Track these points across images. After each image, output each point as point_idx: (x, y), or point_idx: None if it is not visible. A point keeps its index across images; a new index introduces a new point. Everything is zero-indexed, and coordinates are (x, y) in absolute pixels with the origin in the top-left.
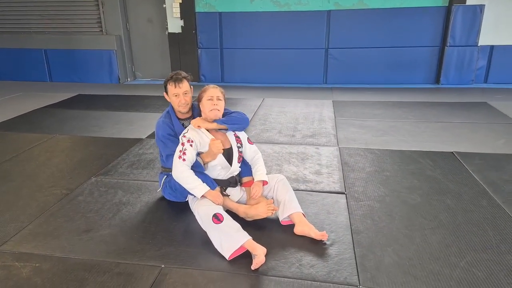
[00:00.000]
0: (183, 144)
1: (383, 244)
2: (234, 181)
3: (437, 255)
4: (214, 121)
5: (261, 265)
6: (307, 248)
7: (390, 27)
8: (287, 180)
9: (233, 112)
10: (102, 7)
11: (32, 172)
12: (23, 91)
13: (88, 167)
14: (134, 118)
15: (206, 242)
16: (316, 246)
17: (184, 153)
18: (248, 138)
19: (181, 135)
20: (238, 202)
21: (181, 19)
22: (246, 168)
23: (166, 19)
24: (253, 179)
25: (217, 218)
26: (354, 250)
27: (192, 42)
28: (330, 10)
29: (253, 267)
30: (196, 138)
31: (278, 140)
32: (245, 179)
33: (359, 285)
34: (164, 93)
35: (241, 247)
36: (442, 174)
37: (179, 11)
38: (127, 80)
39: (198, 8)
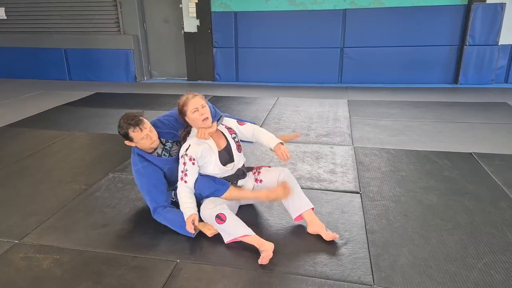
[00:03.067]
0: (184, 163)
1: (398, 244)
2: (241, 173)
3: (454, 256)
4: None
5: (269, 260)
6: (321, 246)
7: (407, 26)
8: (290, 173)
9: None
10: (120, 7)
11: (52, 167)
12: (43, 89)
13: (105, 163)
14: (150, 116)
15: (219, 238)
16: (330, 245)
17: (185, 174)
18: (237, 121)
19: (182, 153)
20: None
21: (197, 19)
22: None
23: (182, 19)
24: (272, 148)
25: (220, 219)
26: (369, 250)
27: (207, 42)
28: (346, 9)
29: (260, 261)
30: (198, 152)
31: (292, 139)
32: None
33: (373, 285)
34: (126, 141)
35: (242, 237)
36: (459, 175)
37: (195, 10)
38: (143, 79)
39: (214, 8)
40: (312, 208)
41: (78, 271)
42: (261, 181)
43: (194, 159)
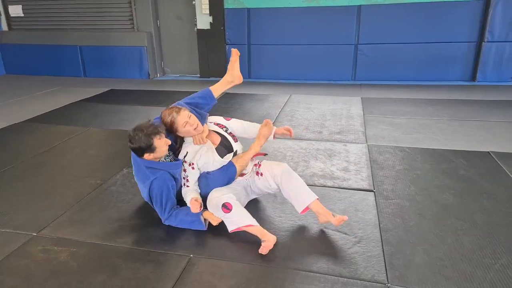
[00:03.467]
0: (185, 170)
1: (413, 243)
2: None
3: (470, 256)
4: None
5: (269, 250)
6: (334, 244)
7: (423, 22)
8: (288, 167)
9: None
10: (134, 5)
11: (68, 163)
12: (59, 85)
13: (120, 159)
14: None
15: (233, 234)
16: (343, 242)
17: (187, 180)
18: (223, 117)
19: (182, 160)
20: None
21: (210, 16)
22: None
23: (195, 16)
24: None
25: (226, 208)
26: (383, 248)
27: (220, 38)
28: (360, 5)
29: (260, 251)
30: (196, 156)
31: (305, 137)
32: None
33: (388, 283)
34: (146, 155)
35: (246, 226)
36: (477, 174)
37: (208, 7)
38: (157, 76)
39: (227, 5)
40: (317, 199)
41: (94, 264)
42: (261, 174)
43: (193, 164)
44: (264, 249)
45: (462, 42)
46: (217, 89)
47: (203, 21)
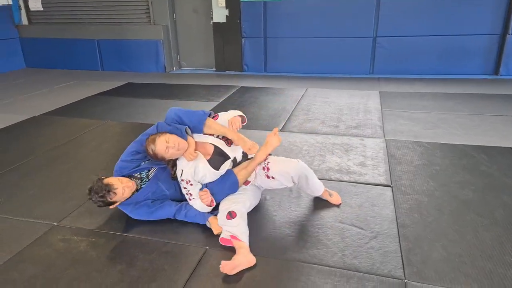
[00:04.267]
0: (185, 188)
1: (431, 239)
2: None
3: (490, 253)
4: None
5: (228, 269)
6: (350, 239)
7: (444, 14)
8: (299, 164)
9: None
10: None
11: (86, 155)
12: (77, 79)
13: None
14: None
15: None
16: (359, 237)
17: (191, 194)
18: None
19: (179, 179)
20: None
21: (226, 9)
22: None
23: (211, 9)
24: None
25: (230, 215)
26: (400, 244)
27: (236, 32)
28: None
29: (222, 265)
30: (191, 172)
31: (321, 131)
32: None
33: (405, 279)
34: (111, 207)
35: (236, 239)
36: (498, 170)
37: (224, 0)
38: (173, 69)
39: None
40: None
41: (113, 254)
42: (273, 177)
43: (189, 181)
44: (227, 267)
45: (485, 34)
46: (215, 127)
47: (219, 14)
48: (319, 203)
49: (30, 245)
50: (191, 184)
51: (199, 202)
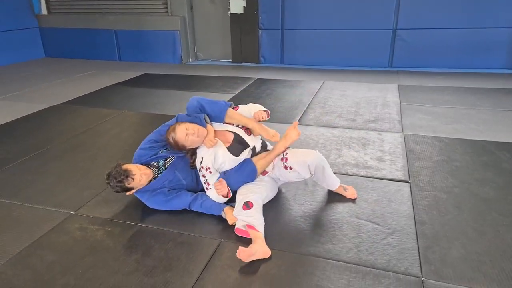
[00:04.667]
0: (204, 176)
1: (450, 237)
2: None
3: (511, 253)
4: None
5: (244, 256)
6: (366, 234)
7: (466, 7)
8: (318, 156)
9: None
10: None
11: (104, 144)
12: (95, 69)
13: None
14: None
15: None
16: (375, 233)
17: (208, 184)
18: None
19: (198, 167)
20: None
21: (243, 0)
22: None
23: (229, 0)
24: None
25: (247, 205)
26: (417, 241)
27: (253, 23)
28: None
29: (238, 252)
30: (211, 159)
31: (338, 124)
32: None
33: (422, 277)
34: (128, 193)
35: (253, 229)
36: None
37: None
38: (189, 61)
39: None
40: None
41: (129, 244)
42: (291, 168)
43: (209, 168)
44: (243, 253)
45: (507, 27)
46: (236, 117)
47: (237, 5)
48: (335, 197)
49: (48, 233)
50: (210, 172)
51: (215, 192)
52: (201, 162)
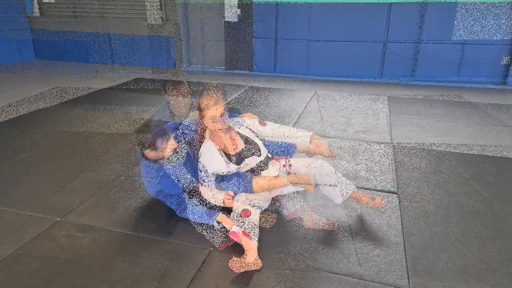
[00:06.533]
0: (200, 171)
1: (437, 249)
2: (263, 165)
3: (496, 266)
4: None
5: (235, 266)
6: (356, 246)
7: (456, 22)
8: (326, 164)
9: None
10: None
11: (94, 147)
12: (87, 72)
13: None
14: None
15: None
16: (365, 245)
17: (203, 180)
18: (259, 121)
19: (198, 163)
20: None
21: (238, 8)
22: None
23: (224, 8)
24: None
25: (245, 213)
26: (405, 252)
27: (247, 32)
28: (391, 3)
29: (230, 262)
30: (207, 159)
31: (329, 134)
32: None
33: None
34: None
35: (246, 237)
36: (506, 182)
37: (237, 0)
38: (182, 66)
39: None
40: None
41: (116, 252)
42: (294, 174)
43: (205, 167)
44: (235, 263)
45: (495, 45)
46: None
47: (232, 13)
48: (323, 209)
49: (33, 239)
50: (207, 171)
51: (208, 192)
52: (199, 158)
